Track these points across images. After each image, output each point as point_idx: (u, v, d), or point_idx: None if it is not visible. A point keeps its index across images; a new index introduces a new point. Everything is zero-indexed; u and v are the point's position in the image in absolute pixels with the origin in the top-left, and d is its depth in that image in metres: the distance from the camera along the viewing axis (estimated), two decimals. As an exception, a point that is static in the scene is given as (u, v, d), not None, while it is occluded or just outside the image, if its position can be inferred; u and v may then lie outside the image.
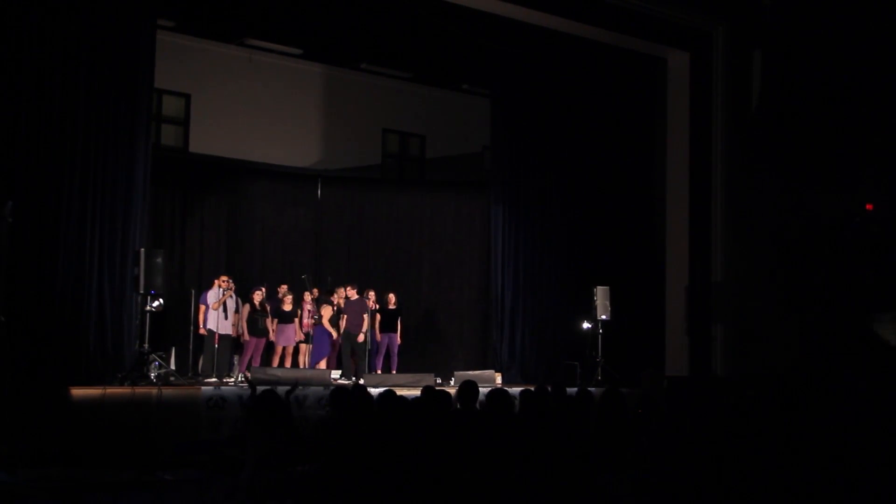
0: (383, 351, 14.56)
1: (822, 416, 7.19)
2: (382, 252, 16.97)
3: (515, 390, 7.79)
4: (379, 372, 14.14)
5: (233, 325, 13.54)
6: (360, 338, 14.04)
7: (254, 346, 13.68)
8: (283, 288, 14.26)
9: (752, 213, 16.20)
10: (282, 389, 7.57)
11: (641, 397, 8.14)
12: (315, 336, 14.17)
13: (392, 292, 14.89)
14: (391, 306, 14.70)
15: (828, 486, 5.70)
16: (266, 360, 13.98)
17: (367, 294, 14.50)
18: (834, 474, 5.80)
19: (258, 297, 13.67)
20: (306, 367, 14.06)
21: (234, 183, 15.76)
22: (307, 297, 14.44)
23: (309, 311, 14.31)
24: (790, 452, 6.11)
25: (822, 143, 17.40)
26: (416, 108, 18.10)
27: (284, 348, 14.01)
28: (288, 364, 13.94)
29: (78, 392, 10.28)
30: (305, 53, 16.62)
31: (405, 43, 15.90)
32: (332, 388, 10.07)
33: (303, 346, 14.34)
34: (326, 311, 14.24)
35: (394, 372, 14.44)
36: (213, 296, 13.43)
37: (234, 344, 13.73)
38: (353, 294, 14.35)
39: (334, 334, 14.27)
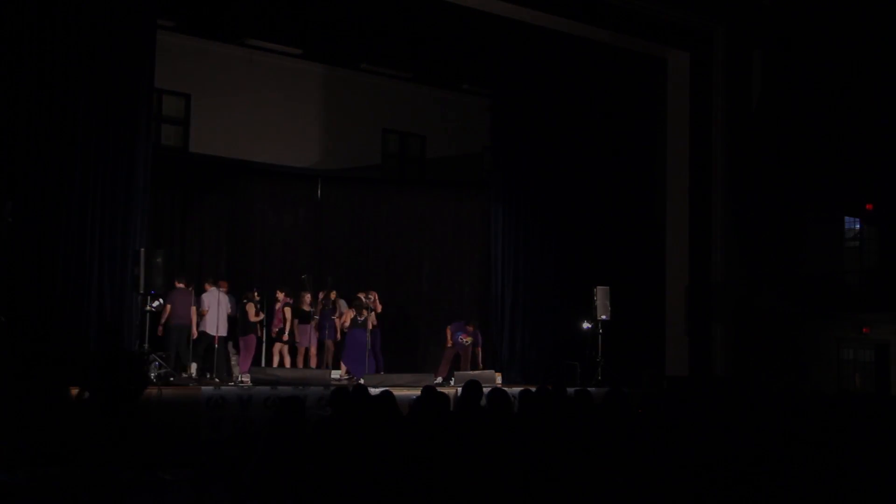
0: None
1: (822, 416, 7.19)
2: (382, 252, 16.96)
3: (515, 390, 7.78)
4: (382, 373, 14.14)
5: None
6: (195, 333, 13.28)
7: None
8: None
9: (752, 213, 16.23)
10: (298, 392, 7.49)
11: (641, 397, 8.13)
12: (349, 341, 13.99)
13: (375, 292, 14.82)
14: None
15: (827, 486, 5.70)
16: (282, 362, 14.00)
17: (369, 294, 14.47)
18: (833, 474, 5.80)
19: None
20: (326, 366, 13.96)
21: (234, 183, 15.75)
22: (280, 296, 13.92)
23: (278, 308, 13.90)
24: (790, 452, 6.12)
25: (821, 142, 17.43)
26: (416, 108, 18.09)
27: (307, 349, 14.04)
28: (314, 365, 13.93)
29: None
30: (305, 53, 16.60)
31: (405, 43, 15.90)
32: (332, 388, 10.07)
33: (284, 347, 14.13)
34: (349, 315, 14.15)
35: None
36: (208, 298, 13.37)
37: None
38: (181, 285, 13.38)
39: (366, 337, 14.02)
